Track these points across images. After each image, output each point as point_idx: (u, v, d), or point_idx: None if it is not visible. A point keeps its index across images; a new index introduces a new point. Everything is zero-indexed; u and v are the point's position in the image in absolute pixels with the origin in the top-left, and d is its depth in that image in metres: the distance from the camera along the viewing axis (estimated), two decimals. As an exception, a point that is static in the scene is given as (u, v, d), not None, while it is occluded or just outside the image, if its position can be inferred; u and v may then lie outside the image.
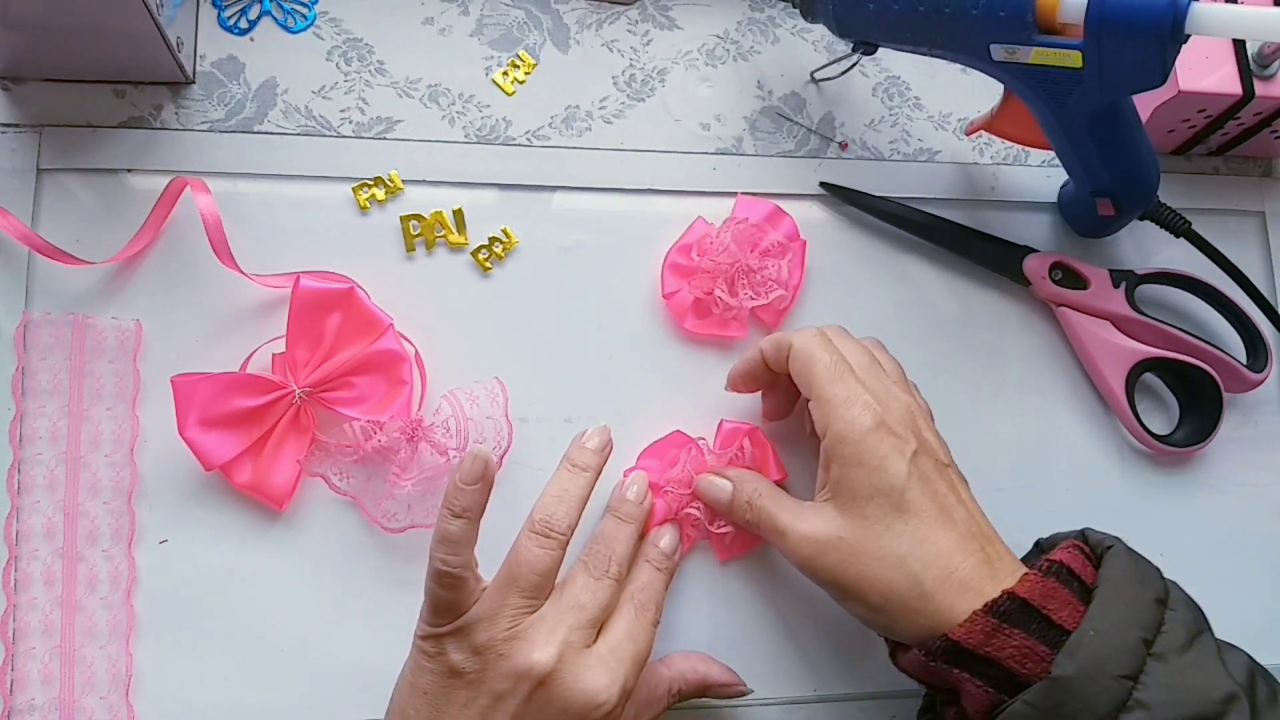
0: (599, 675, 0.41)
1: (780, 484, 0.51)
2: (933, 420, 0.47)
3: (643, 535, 0.48)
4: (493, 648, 0.40)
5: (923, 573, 0.41)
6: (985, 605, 0.39)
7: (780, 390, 0.50)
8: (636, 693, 0.44)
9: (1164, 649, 0.38)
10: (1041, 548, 0.46)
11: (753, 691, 0.48)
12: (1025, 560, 0.44)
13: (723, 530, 0.49)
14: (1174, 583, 0.42)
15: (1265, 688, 0.39)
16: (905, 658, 0.43)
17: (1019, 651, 0.39)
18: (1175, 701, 0.37)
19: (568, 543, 0.43)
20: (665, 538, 0.48)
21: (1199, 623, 0.40)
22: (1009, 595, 0.40)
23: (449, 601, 0.41)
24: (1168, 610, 0.40)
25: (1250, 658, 0.40)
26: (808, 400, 0.45)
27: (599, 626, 0.43)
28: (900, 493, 0.42)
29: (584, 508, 0.44)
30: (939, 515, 0.42)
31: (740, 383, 0.50)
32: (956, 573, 0.41)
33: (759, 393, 0.51)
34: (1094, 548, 0.43)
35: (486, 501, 0.42)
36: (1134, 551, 0.42)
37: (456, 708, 0.40)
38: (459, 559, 0.40)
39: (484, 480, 0.41)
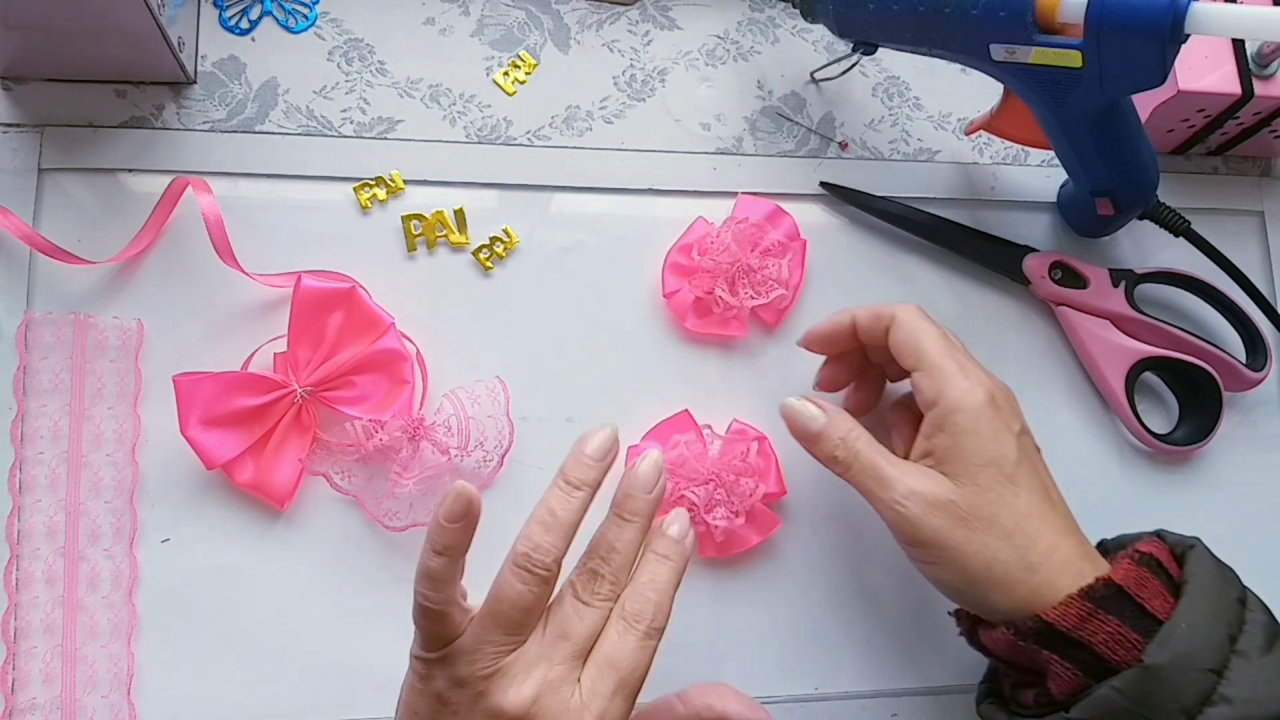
0: (578, 717, 0.38)
1: (778, 499, 0.51)
2: None
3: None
4: (472, 684, 0.38)
5: (1029, 547, 0.41)
6: (1081, 590, 0.40)
7: (869, 380, 0.50)
8: None
9: (1247, 647, 0.39)
10: (1107, 548, 0.46)
11: None
12: None
13: (717, 523, 0.48)
14: (1249, 587, 0.42)
15: None
16: (990, 635, 0.42)
17: (1111, 637, 0.39)
18: (1259, 699, 0.38)
19: (554, 577, 0.39)
20: (675, 524, 0.43)
21: (1274, 626, 0.41)
22: (1105, 581, 0.40)
23: (434, 634, 0.39)
24: (1248, 611, 0.40)
25: None
26: (911, 371, 0.45)
27: (586, 654, 0.39)
28: (1013, 465, 0.42)
29: (575, 533, 0.40)
30: (1044, 495, 0.43)
31: (816, 343, 0.49)
32: (1060, 550, 0.41)
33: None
34: (1173, 546, 0.44)
35: (470, 540, 0.39)
36: (1213, 552, 0.43)
37: None
38: (440, 595, 0.38)
39: (467, 519, 0.38)
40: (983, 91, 0.55)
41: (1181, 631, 0.38)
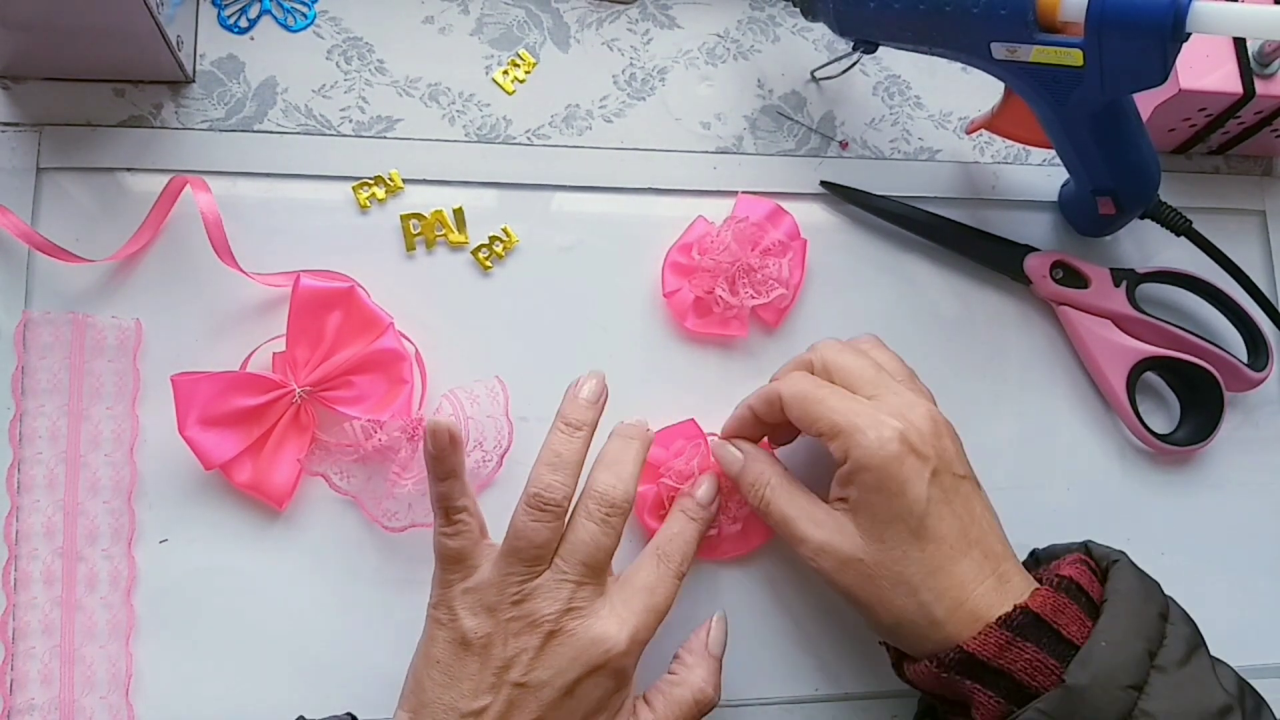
0: (608, 623, 0.41)
1: None
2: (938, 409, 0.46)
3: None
4: (501, 609, 0.41)
5: (935, 603, 0.41)
6: (999, 618, 0.40)
7: (779, 430, 0.49)
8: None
9: (1165, 662, 0.39)
10: (1039, 558, 0.47)
11: None
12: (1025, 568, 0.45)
13: (713, 529, 0.48)
14: (1172, 599, 0.43)
15: (1251, 700, 0.41)
16: (914, 669, 0.43)
17: (1030, 665, 0.39)
18: (1178, 711, 0.38)
19: (565, 512, 0.42)
20: (703, 487, 0.47)
21: (1195, 637, 0.41)
22: (1022, 609, 0.40)
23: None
24: (1169, 624, 0.41)
25: (1236, 672, 0.42)
26: (819, 437, 0.44)
27: (604, 569, 0.43)
28: (919, 519, 0.42)
29: (580, 471, 0.43)
30: (956, 540, 0.42)
31: (732, 436, 0.50)
32: (968, 603, 0.41)
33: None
34: (1098, 561, 0.44)
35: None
36: (1137, 566, 0.43)
37: (470, 675, 0.40)
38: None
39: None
40: (983, 90, 0.55)
41: (1101, 650, 0.39)
